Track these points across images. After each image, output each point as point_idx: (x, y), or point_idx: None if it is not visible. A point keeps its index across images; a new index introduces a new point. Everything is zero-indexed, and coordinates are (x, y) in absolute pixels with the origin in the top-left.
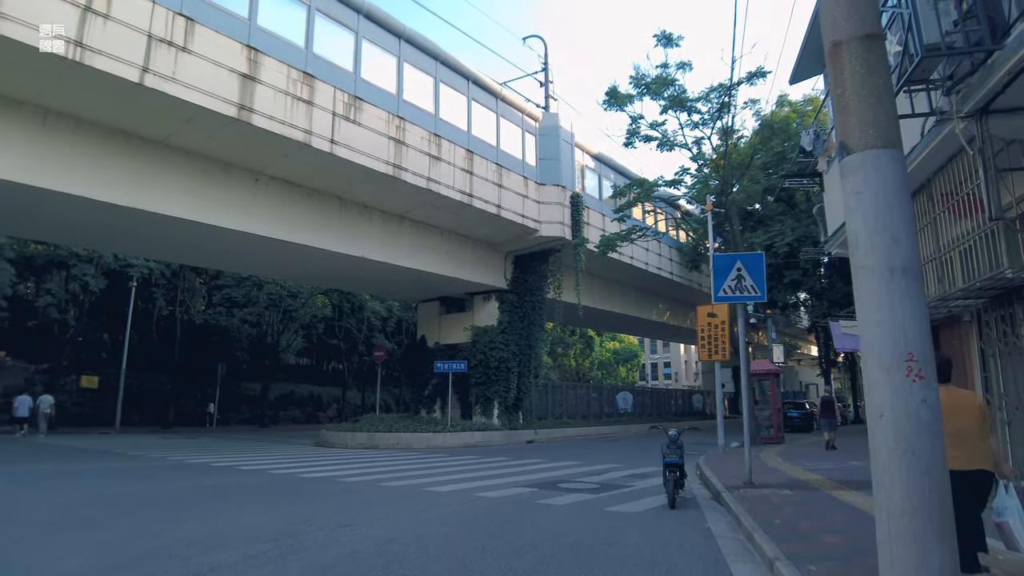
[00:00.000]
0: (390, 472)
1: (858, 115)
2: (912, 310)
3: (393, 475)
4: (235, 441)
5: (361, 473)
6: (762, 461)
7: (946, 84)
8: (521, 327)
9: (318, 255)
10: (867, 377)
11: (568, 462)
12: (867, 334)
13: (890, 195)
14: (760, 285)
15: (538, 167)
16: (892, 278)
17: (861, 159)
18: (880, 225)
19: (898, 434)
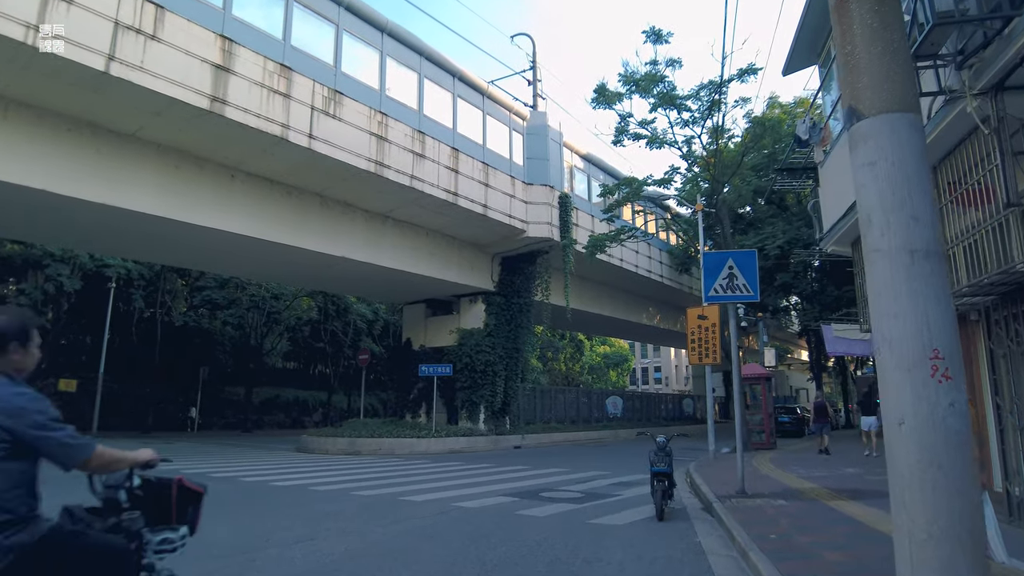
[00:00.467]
0: (367, 480)
1: (870, 74)
2: (936, 300)
3: (370, 483)
4: (214, 446)
5: (336, 481)
6: (754, 468)
7: (956, 59)
8: (508, 330)
9: (298, 255)
10: (884, 379)
11: (554, 469)
12: (884, 328)
13: (908, 165)
14: (753, 284)
15: (526, 167)
16: (913, 262)
17: (874, 125)
18: (897, 201)
19: (921, 445)
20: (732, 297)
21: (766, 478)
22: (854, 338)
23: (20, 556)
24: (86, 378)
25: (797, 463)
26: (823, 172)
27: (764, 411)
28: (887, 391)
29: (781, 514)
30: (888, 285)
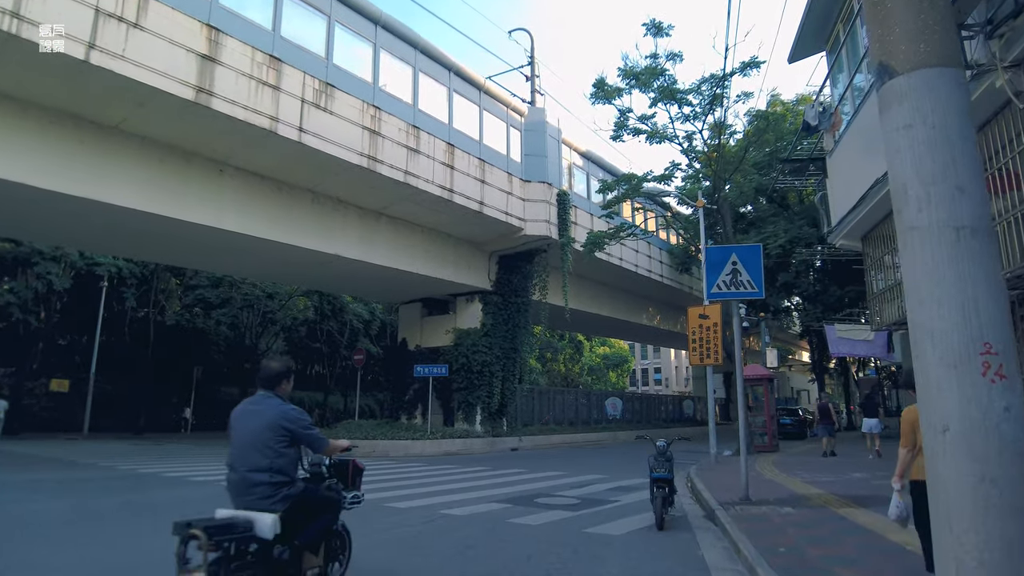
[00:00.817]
0: None
1: (904, 25)
2: (987, 285)
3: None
4: (205, 447)
5: None
6: (757, 472)
7: (985, 29)
8: (505, 330)
9: (290, 252)
10: (924, 377)
11: (551, 472)
12: (924, 318)
13: (950, 128)
14: (757, 280)
15: (523, 163)
16: (958, 240)
17: (910, 82)
18: (939, 169)
19: (972, 456)
20: (736, 294)
21: (770, 483)
22: (858, 339)
23: (293, 501)
24: (79, 379)
25: (801, 467)
26: (831, 162)
27: (767, 413)
28: (928, 392)
29: (789, 523)
30: (929, 268)
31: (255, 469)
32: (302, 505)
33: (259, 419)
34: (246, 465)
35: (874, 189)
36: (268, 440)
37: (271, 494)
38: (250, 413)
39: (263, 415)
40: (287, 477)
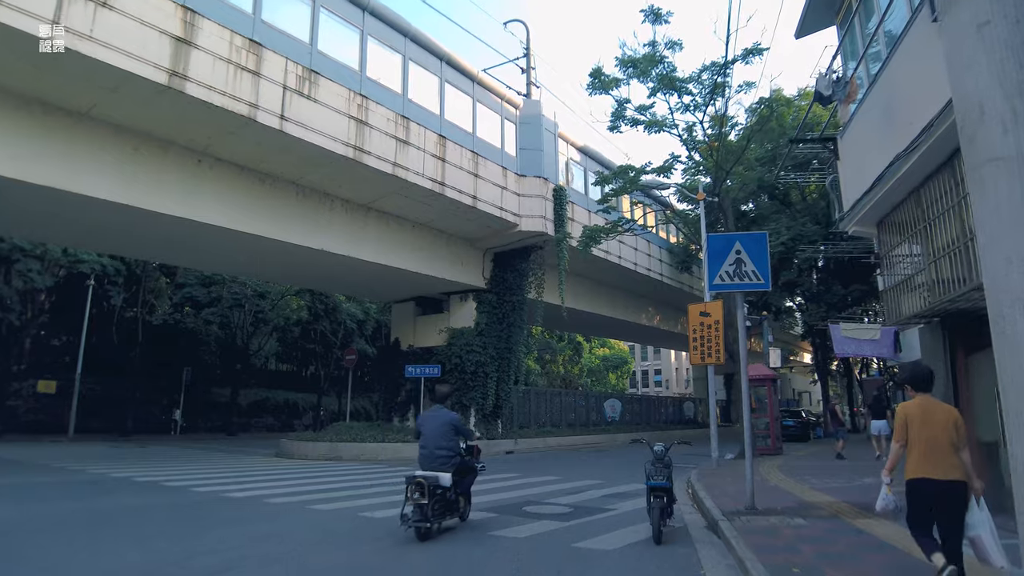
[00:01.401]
0: (332, 490)
1: None
2: None
3: (333, 494)
4: (190, 451)
5: (297, 491)
6: (762, 477)
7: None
8: (500, 329)
9: (273, 247)
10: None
11: (544, 477)
12: (1013, 282)
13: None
14: (763, 270)
15: (518, 157)
16: None
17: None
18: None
19: None
20: (740, 285)
21: (777, 490)
22: (864, 338)
23: (457, 466)
24: (68, 380)
25: (808, 471)
26: (844, 142)
27: (770, 414)
28: (1017, 372)
29: (801, 538)
30: (1016, 209)
31: (438, 447)
32: (460, 468)
33: (439, 420)
34: (433, 445)
35: (894, 166)
36: (445, 432)
37: (447, 462)
38: (433, 417)
39: (441, 418)
40: (455, 453)
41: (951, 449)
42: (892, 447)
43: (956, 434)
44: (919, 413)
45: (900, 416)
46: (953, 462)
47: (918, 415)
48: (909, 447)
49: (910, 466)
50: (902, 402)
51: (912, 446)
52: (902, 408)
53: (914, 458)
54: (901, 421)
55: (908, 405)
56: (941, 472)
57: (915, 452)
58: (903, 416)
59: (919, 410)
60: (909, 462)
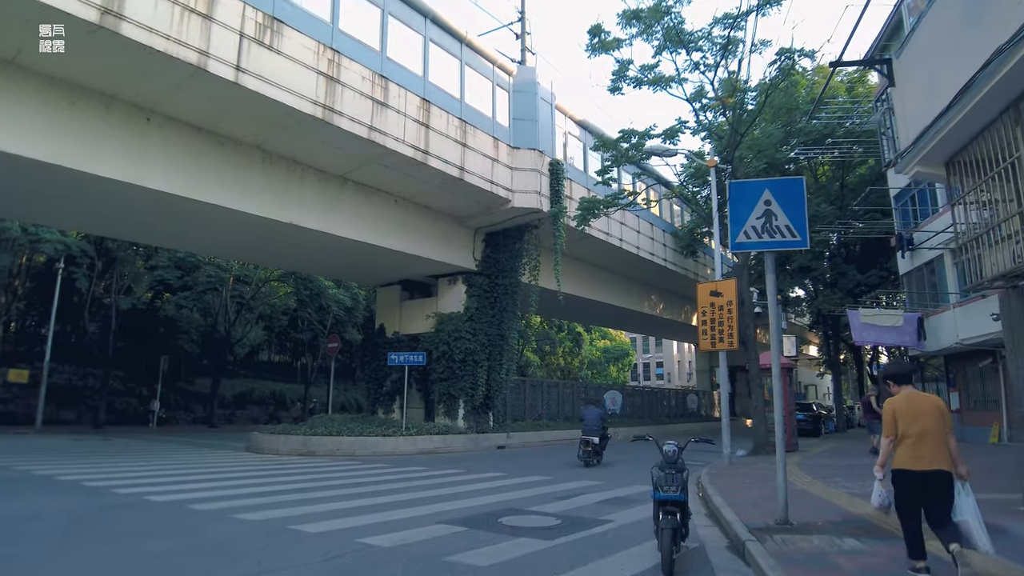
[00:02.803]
0: (277, 493)
1: None
2: None
3: (276, 498)
4: (158, 444)
5: (232, 495)
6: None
7: None
8: (492, 314)
9: (235, 220)
10: None
11: (534, 476)
12: None
13: None
14: (799, 225)
15: (512, 128)
16: None
17: None
18: None
19: None
20: (771, 243)
21: (807, 496)
22: (885, 325)
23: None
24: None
25: (836, 471)
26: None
27: (785, 407)
28: None
29: (863, 570)
30: None
31: (594, 426)
32: (602, 436)
33: (594, 414)
34: (592, 425)
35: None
36: (597, 419)
37: (596, 433)
38: (590, 411)
39: (595, 412)
40: (602, 429)
41: (941, 439)
42: (883, 443)
43: (944, 423)
44: (907, 406)
45: (888, 411)
46: (942, 451)
47: (906, 408)
48: (899, 440)
49: (898, 457)
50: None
51: (902, 439)
52: (889, 403)
53: (903, 450)
54: (889, 416)
55: (894, 400)
56: (927, 463)
57: (905, 444)
58: (891, 411)
59: (906, 403)
60: (897, 453)
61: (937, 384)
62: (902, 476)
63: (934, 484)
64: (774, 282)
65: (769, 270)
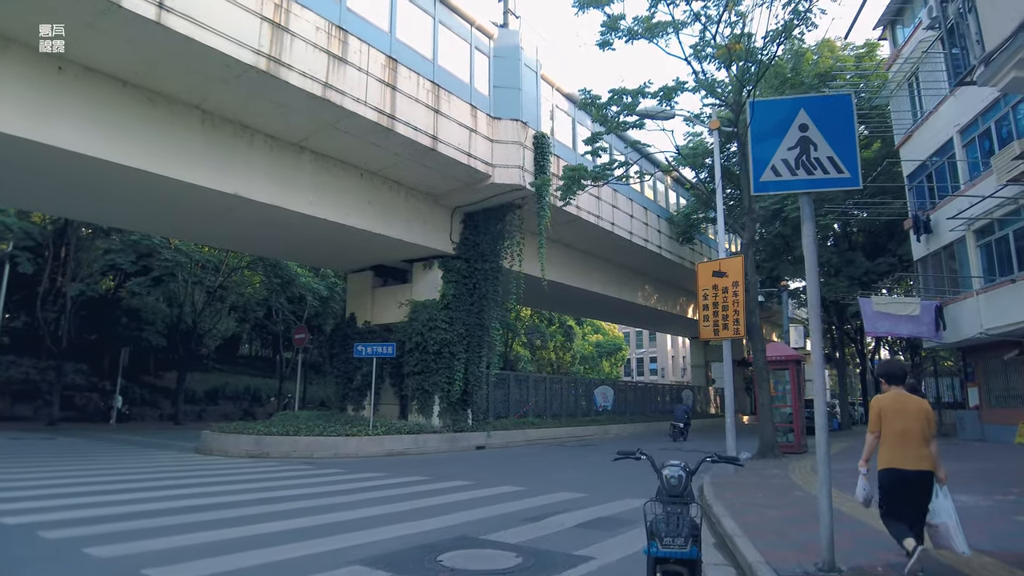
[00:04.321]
0: (172, 513)
1: None
2: None
3: (161, 522)
4: (104, 444)
5: (109, 516)
6: (795, 486)
7: None
8: (470, 302)
9: (170, 189)
10: None
11: (505, 487)
12: None
13: None
14: (849, 156)
15: (492, 97)
16: None
17: None
18: None
19: None
20: (810, 182)
21: (840, 517)
22: (900, 314)
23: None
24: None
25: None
26: None
27: (794, 403)
28: None
29: None
30: None
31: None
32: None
33: (681, 408)
34: (680, 413)
35: None
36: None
37: (684, 420)
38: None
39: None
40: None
41: (922, 440)
42: (868, 439)
43: (927, 425)
44: (892, 405)
45: (874, 408)
46: (923, 453)
47: (891, 407)
48: (883, 438)
49: (882, 456)
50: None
51: (885, 437)
52: (876, 401)
53: (886, 449)
54: (875, 413)
55: (882, 398)
56: (911, 463)
57: (888, 443)
58: (877, 408)
59: (892, 402)
60: (882, 452)
61: (952, 379)
62: (889, 475)
63: (918, 484)
64: (813, 234)
65: (807, 218)
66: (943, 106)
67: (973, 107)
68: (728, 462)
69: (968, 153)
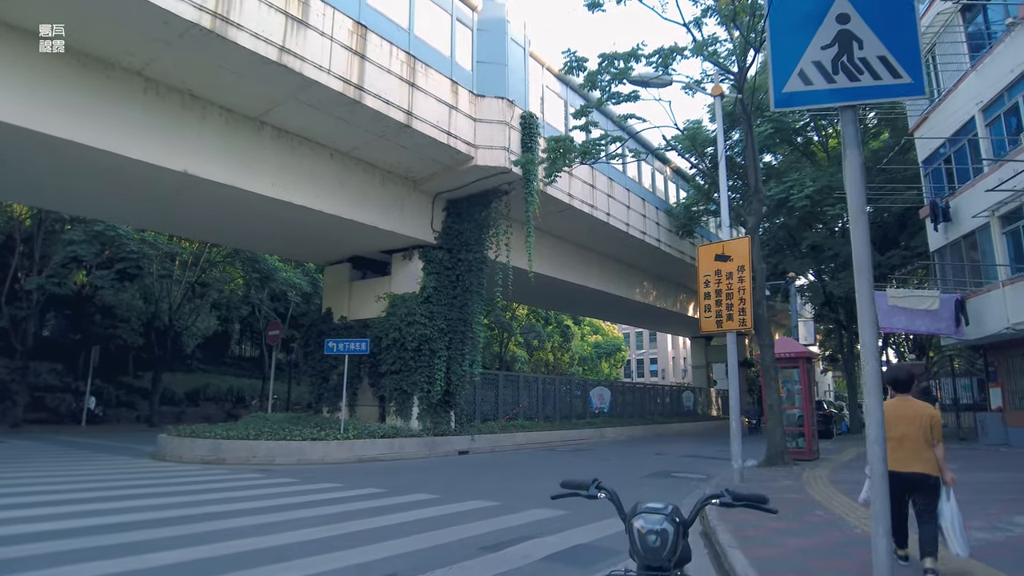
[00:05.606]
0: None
1: None
2: None
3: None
4: (61, 448)
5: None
6: (826, 513)
7: None
8: (453, 295)
9: (107, 164)
10: None
11: (474, 502)
12: None
13: None
14: (909, 55)
15: (476, 73)
16: None
17: None
18: None
19: None
20: (853, 92)
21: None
22: (918, 308)
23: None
24: None
25: None
26: None
27: (804, 405)
28: None
29: None
30: None
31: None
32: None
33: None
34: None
35: None
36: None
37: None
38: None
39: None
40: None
41: (923, 445)
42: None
43: (931, 431)
44: (894, 411)
45: None
46: (922, 456)
47: (893, 413)
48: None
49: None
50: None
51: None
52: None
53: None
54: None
55: (886, 404)
56: (904, 465)
57: (888, 447)
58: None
59: (895, 408)
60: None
61: (972, 379)
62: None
63: (913, 485)
64: (859, 162)
65: (851, 143)
66: (963, 83)
67: (998, 82)
68: (751, 505)
69: (992, 133)
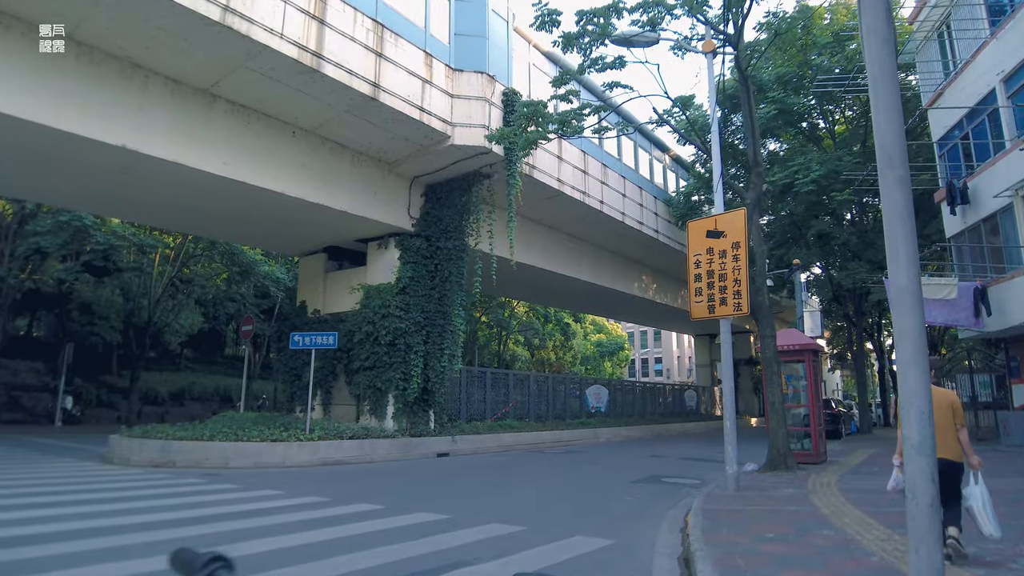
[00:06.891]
0: None
1: None
2: None
3: None
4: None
5: None
6: (836, 532)
7: None
8: (431, 286)
9: (38, 137)
10: None
11: (422, 515)
12: None
13: None
14: None
15: (453, 46)
16: None
17: None
18: None
19: None
20: None
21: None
22: (935, 298)
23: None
24: None
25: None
26: None
27: (811, 403)
28: None
29: None
30: None
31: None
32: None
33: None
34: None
35: None
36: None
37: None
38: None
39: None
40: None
41: (949, 431)
42: (899, 435)
43: (954, 416)
44: None
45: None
46: (948, 443)
47: None
48: None
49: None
50: None
51: None
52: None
53: None
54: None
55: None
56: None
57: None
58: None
59: None
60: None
61: (992, 375)
62: None
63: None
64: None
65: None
66: (982, 53)
67: (1021, 47)
68: None
69: (1015, 104)
